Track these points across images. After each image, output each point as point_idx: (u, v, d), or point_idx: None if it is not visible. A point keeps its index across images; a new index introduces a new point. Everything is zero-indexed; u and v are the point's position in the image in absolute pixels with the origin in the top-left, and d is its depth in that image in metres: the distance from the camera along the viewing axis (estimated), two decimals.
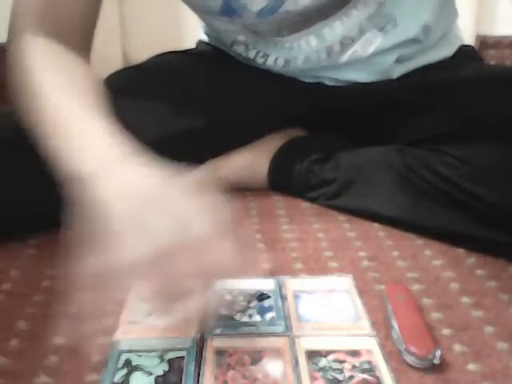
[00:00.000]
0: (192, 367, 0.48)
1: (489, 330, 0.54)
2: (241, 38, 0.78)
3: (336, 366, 0.48)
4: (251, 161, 0.84)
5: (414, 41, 0.77)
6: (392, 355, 0.50)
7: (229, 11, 0.73)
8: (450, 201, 0.67)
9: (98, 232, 0.42)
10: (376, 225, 0.75)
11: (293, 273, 0.64)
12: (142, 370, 0.48)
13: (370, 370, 0.48)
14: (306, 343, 0.51)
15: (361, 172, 0.77)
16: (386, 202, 0.74)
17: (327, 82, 0.82)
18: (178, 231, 0.42)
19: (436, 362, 0.49)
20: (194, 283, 0.43)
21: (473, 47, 0.88)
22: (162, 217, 0.43)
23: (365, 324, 0.54)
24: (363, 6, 0.72)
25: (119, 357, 0.49)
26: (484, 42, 1.51)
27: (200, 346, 0.51)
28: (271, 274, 0.63)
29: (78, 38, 0.67)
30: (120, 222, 0.43)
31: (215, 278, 0.47)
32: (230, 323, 0.54)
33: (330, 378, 0.47)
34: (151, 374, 0.47)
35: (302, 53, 0.77)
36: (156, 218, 0.43)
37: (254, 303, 0.57)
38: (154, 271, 0.42)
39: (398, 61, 0.78)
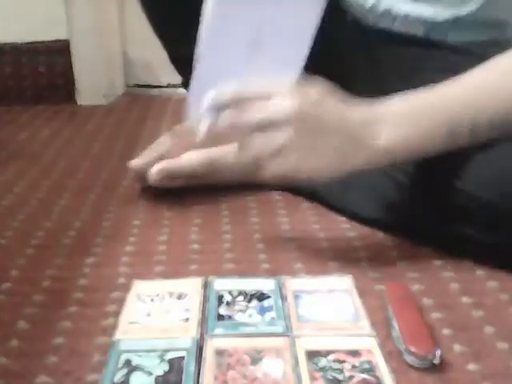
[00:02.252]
0: (192, 367, 0.48)
1: (489, 330, 0.54)
2: None
3: (336, 366, 0.48)
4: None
5: None
6: (392, 355, 0.50)
7: None
8: (442, 201, 0.67)
9: None
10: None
11: (293, 273, 0.64)
12: (142, 370, 0.48)
13: (370, 369, 0.48)
14: (306, 343, 0.51)
15: None
16: (370, 201, 0.73)
17: None
18: None
19: (436, 362, 0.49)
20: None
21: None
22: None
23: (365, 324, 0.54)
24: None
25: (119, 357, 0.49)
26: None
27: (200, 345, 0.51)
28: (271, 274, 0.63)
29: None
30: None
31: None
32: (230, 323, 0.54)
33: (330, 377, 0.47)
34: (151, 373, 0.47)
35: None
36: None
37: (254, 303, 0.57)
38: None
39: None
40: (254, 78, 0.57)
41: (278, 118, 0.58)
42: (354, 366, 0.48)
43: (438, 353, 0.49)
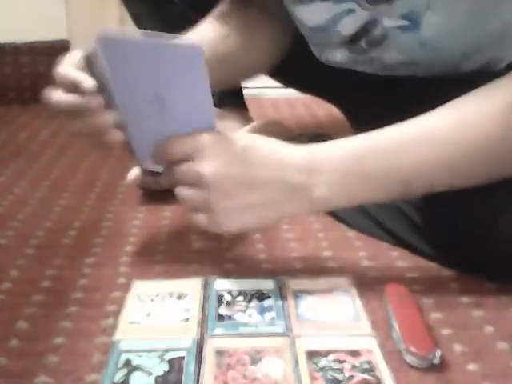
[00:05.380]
0: (192, 367, 0.48)
1: (489, 329, 0.54)
2: None
3: (336, 366, 0.48)
4: None
5: None
6: (392, 355, 0.50)
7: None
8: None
9: None
10: None
11: (293, 273, 0.64)
12: (142, 370, 0.48)
13: (370, 369, 0.48)
14: (305, 343, 0.51)
15: None
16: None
17: None
18: None
19: (436, 362, 0.49)
20: None
21: None
22: None
23: (365, 324, 0.54)
24: None
25: (119, 357, 0.49)
26: None
27: (200, 346, 0.51)
28: (271, 274, 0.63)
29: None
30: None
31: None
32: (230, 323, 0.54)
33: (330, 377, 0.47)
34: (151, 373, 0.47)
35: None
36: None
37: (254, 303, 0.57)
38: None
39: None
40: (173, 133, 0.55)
41: (195, 183, 0.55)
42: (354, 366, 0.48)
43: (438, 353, 0.49)
